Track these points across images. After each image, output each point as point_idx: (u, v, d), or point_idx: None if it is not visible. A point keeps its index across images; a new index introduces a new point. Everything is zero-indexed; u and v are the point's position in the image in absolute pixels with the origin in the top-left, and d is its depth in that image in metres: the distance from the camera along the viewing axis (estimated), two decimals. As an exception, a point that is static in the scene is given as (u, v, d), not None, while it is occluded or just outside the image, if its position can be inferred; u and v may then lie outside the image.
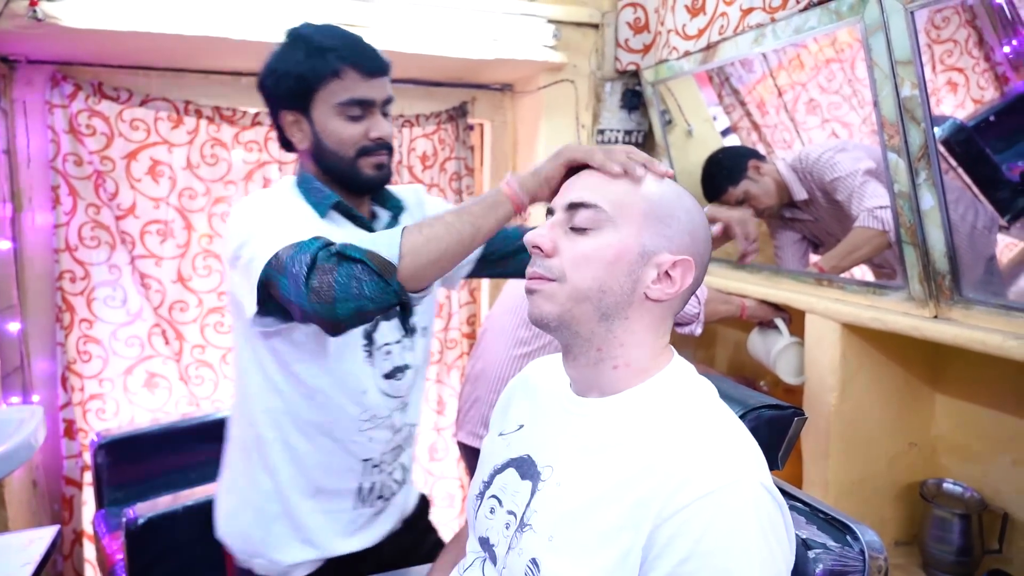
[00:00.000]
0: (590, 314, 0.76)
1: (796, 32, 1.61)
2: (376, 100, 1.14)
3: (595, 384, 0.79)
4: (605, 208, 0.76)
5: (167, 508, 1.52)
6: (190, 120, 2.28)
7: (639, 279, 0.76)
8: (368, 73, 1.12)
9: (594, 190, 0.78)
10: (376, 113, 1.15)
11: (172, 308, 2.34)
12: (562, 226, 0.79)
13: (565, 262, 0.76)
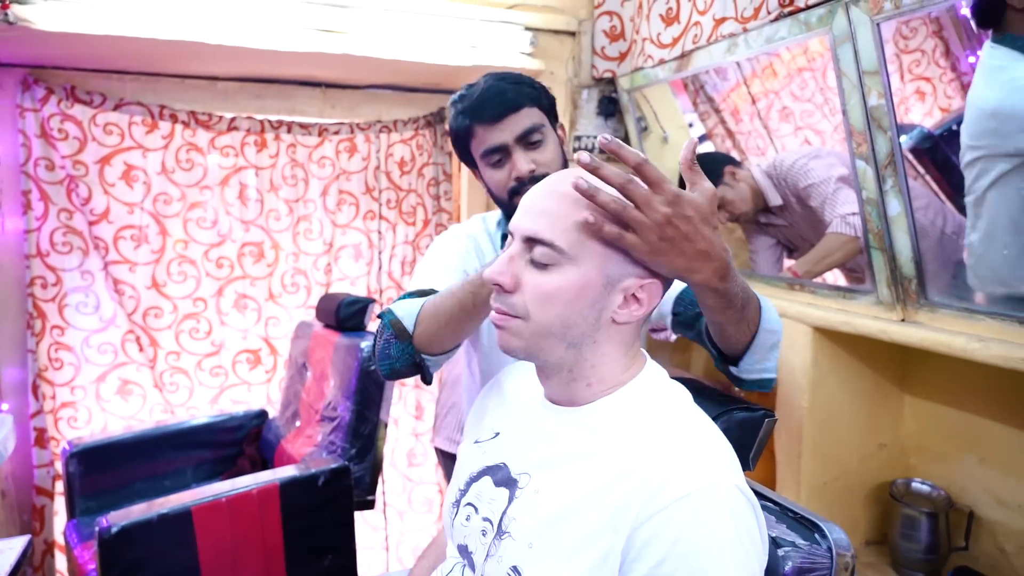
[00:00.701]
0: (557, 345, 0.75)
1: (768, 42, 1.64)
2: (507, 142, 1.15)
3: (569, 397, 0.80)
4: (563, 247, 0.72)
5: (141, 516, 1.50)
6: (165, 125, 2.27)
7: (604, 307, 0.74)
8: (490, 121, 1.14)
9: (552, 224, 0.72)
10: (514, 152, 1.15)
11: (146, 314, 2.32)
12: (521, 256, 0.75)
13: (527, 299, 0.74)
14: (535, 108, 1.15)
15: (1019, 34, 1.29)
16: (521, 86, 1.16)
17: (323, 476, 1.71)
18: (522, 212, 0.77)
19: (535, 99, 1.16)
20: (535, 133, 1.14)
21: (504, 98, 1.14)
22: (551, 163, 1.16)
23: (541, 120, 1.16)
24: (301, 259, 2.52)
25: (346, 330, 2.09)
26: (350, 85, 2.49)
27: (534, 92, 1.16)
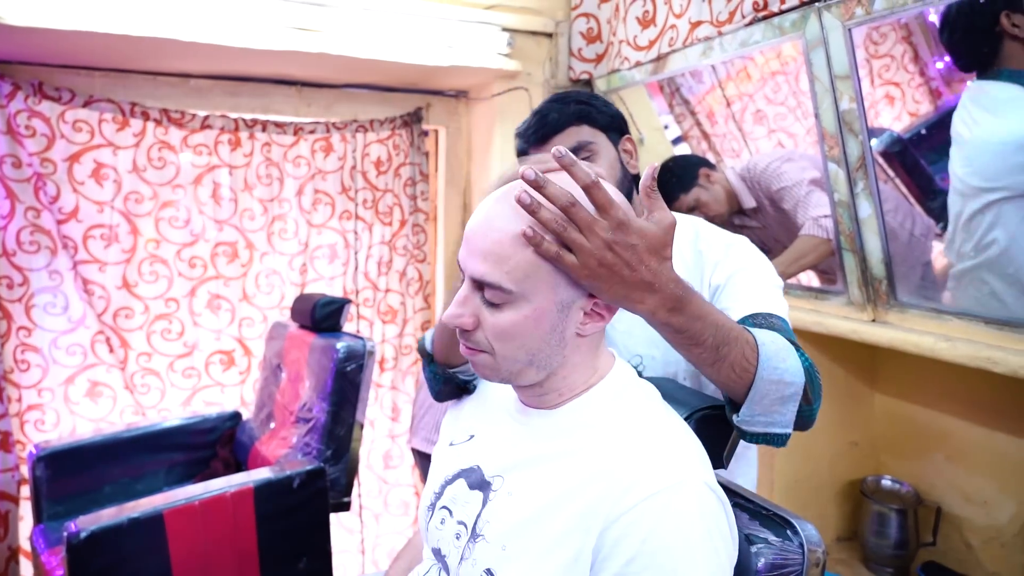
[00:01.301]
0: (528, 370, 0.76)
1: (742, 45, 1.66)
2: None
3: (540, 403, 0.80)
4: (510, 288, 0.70)
5: (111, 521, 1.47)
6: (136, 122, 2.23)
7: (566, 327, 0.74)
8: (539, 142, 1.14)
9: (496, 266, 0.71)
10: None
11: (117, 315, 2.28)
12: (475, 295, 0.74)
13: (488, 336, 0.74)
14: (584, 125, 1.13)
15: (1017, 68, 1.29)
16: (567, 105, 1.14)
17: (298, 478, 1.70)
18: (466, 251, 0.74)
19: (583, 116, 1.13)
20: (582, 151, 1.12)
21: (545, 121, 1.13)
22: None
23: (591, 137, 1.13)
24: (276, 259, 2.50)
25: (322, 331, 2.08)
26: (326, 84, 2.47)
27: (582, 110, 1.13)
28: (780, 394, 0.82)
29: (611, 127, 1.15)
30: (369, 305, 2.63)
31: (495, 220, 0.72)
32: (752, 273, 1.04)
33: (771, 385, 0.81)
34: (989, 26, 1.30)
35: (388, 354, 2.67)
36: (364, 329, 2.63)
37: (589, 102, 1.14)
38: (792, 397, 0.83)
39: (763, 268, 1.06)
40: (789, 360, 0.83)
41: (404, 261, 2.66)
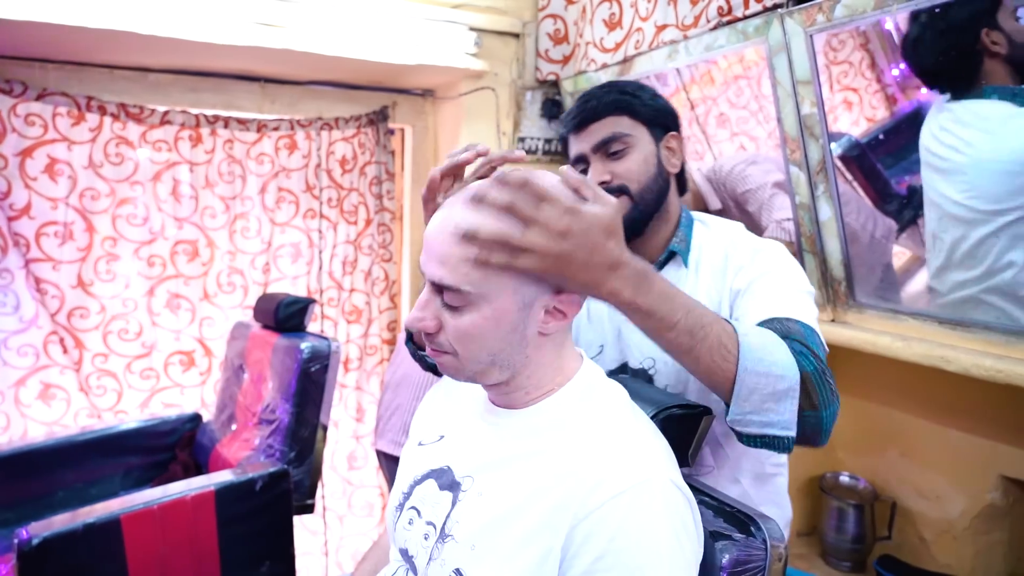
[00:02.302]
0: (491, 370, 0.76)
1: (707, 49, 1.68)
2: (585, 151, 1.10)
3: (509, 402, 0.81)
4: (468, 290, 0.71)
5: (65, 527, 1.42)
6: (92, 117, 2.17)
7: (527, 326, 0.75)
8: (576, 129, 1.11)
9: (453, 269, 0.71)
10: (594, 161, 1.10)
11: (71, 315, 2.21)
12: (435, 298, 0.75)
13: (450, 338, 0.74)
14: (624, 116, 1.08)
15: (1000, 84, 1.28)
16: (610, 93, 1.09)
17: (261, 480, 1.67)
18: (426, 255, 0.74)
19: (624, 107, 1.08)
20: (615, 142, 1.07)
21: (585, 107, 1.10)
22: (631, 175, 1.07)
23: (629, 129, 1.08)
24: (238, 258, 2.45)
25: (285, 331, 2.05)
26: (290, 80, 2.43)
27: (625, 100, 1.08)
28: (772, 388, 0.77)
29: (654, 121, 1.10)
30: (334, 305, 2.60)
31: (446, 226, 0.73)
32: (775, 277, 1.00)
33: (758, 378, 0.77)
34: (969, 45, 1.28)
35: (353, 354, 2.65)
36: (328, 329, 2.60)
37: (635, 93, 1.09)
38: (787, 394, 0.78)
39: (789, 273, 1.01)
40: (778, 353, 0.79)
41: (369, 260, 2.64)
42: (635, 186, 1.07)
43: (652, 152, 1.09)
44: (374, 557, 1.07)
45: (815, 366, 0.82)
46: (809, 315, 0.93)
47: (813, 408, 0.80)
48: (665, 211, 1.11)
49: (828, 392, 0.82)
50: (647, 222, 1.09)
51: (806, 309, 0.94)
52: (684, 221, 1.13)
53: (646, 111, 1.09)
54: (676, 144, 1.12)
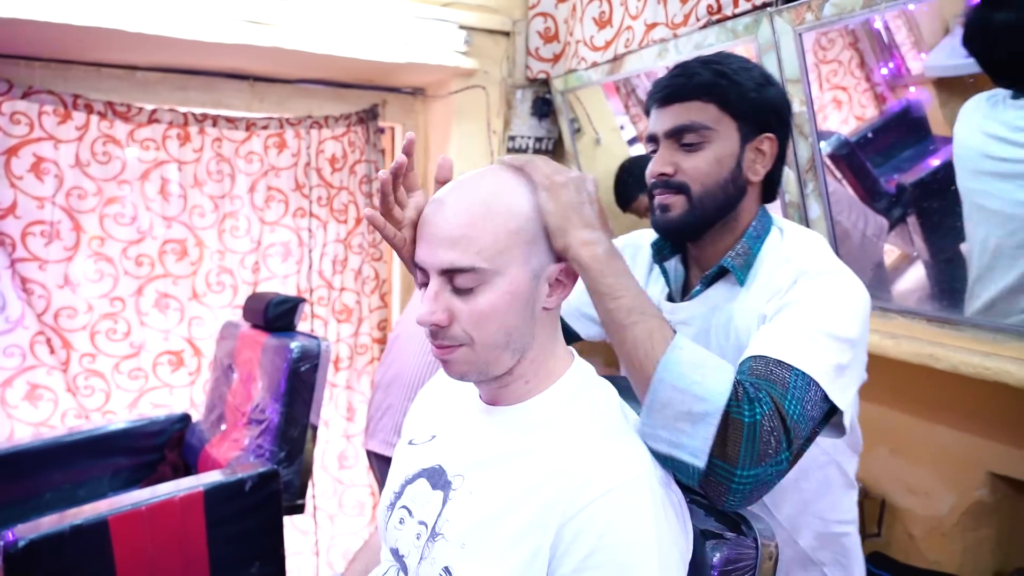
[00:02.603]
0: (503, 356, 0.75)
1: (696, 48, 1.68)
2: (657, 132, 0.97)
3: (504, 396, 0.80)
4: (485, 267, 0.71)
5: (52, 528, 1.41)
6: (79, 115, 2.15)
7: (536, 300, 0.75)
8: (657, 104, 0.98)
9: (466, 249, 0.71)
10: (663, 147, 0.97)
11: (58, 315, 2.19)
12: (444, 289, 0.73)
13: (465, 326, 0.73)
14: (711, 105, 0.93)
15: None
16: (706, 72, 0.94)
17: (250, 481, 1.66)
18: (428, 247, 0.74)
19: (717, 94, 0.93)
20: (690, 133, 0.94)
21: (673, 82, 0.96)
22: (696, 174, 0.94)
23: (711, 122, 0.94)
24: (227, 257, 2.44)
25: (275, 330, 2.04)
26: (279, 79, 2.42)
27: (719, 86, 0.93)
28: (687, 408, 0.70)
29: (749, 117, 0.94)
30: (324, 304, 2.59)
31: (454, 211, 0.73)
32: (798, 311, 0.84)
33: (674, 393, 0.71)
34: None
35: (343, 353, 2.64)
36: (319, 328, 2.58)
37: (735, 78, 0.93)
38: (703, 419, 0.70)
39: (821, 309, 0.84)
40: (711, 378, 0.71)
41: (359, 259, 2.63)
42: (697, 188, 0.95)
43: (732, 154, 0.95)
44: (364, 557, 1.06)
45: (758, 418, 0.71)
46: (817, 364, 0.78)
47: (725, 460, 0.70)
48: (732, 219, 0.98)
49: (755, 453, 0.70)
50: (703, 229, 0.98)
51: (815, 357, 0.78)
52: (754, 231, 0.98)
53: (741, 104, 0.94)
54: (769, 147, 0.96)
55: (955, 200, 1.40)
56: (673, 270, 1.09)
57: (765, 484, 0.72)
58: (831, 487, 1.04)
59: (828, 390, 0.78)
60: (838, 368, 0.79)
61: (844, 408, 0.79)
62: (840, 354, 0.81)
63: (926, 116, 1.77)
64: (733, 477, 0.71)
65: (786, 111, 0.99)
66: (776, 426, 0.72)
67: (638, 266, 1.14)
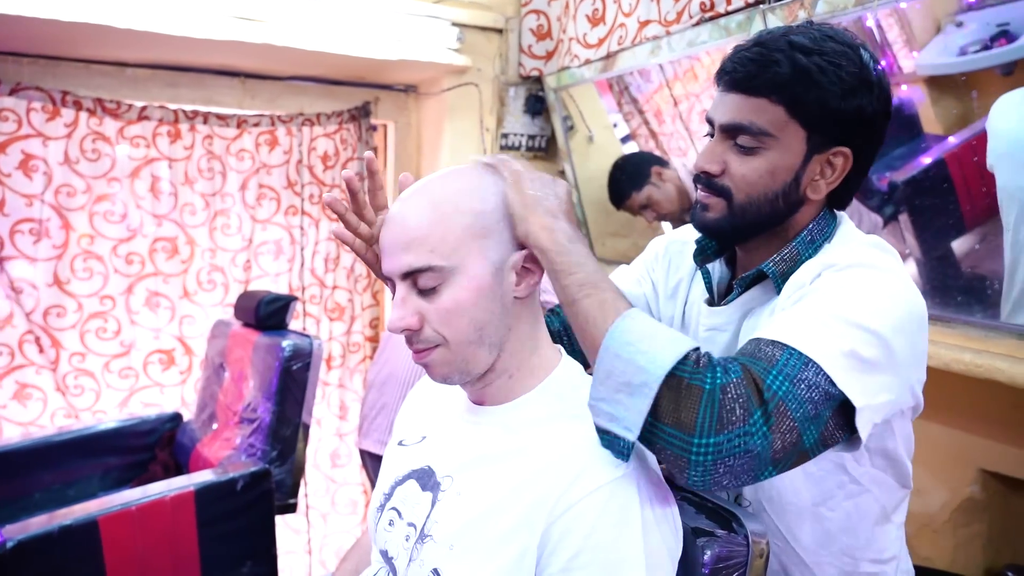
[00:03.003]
0: (480, 352, 0.76)
1: (689, 45, 1.68)
2: (714, 119, 0.84)
3: (490, 395, 0.80)
4: (442, 265, 0.72)
5: (41, 529, 1.40)
6: (68, 112, 2.13)
7: (504, 291, 0.75)
8: (722, 86, 0.84)
9: (418, 248, 0.72)
10: (716, 139, 0.85)
11: (47, 313, 2.18)
12: (410, 293, 0.74)
13: (436, 326, 0.74)
14: (779, 107, 0.78)
15: None
16: (783, 64, 0.77)
17: (242, 480, 1.65)
18: (387, 257, 0.76)
19: (790, 97, 0.78)
20: (746, 135, 0.80)
21: (745, 69, 0.80)
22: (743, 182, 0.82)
23: (774, 127, 0.79)
24: (218, 255, 2.42)
25: (266, 329, 2.02)
26: (271, 76, 2.41)
27: (794, 88, 0.77)
28: (626, 379, 0.64)
29: (824, 128, 0.79)
30: (316, 302, 2.58)
31: (404, 215, 0.75)
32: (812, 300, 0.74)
33: (617, 362, 0.65)
34: None
35: (336, 352, 2.63)
36: (311, 327, 2.57)
37: (817, 79, 0.77)
38: (639, 390, 0.64)
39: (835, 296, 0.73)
40: (657, 348, 0.64)
41: (352, 257, 2.62)
42: (740, 196, 0.83)
43: (791, 166, 0.81)
44: (355, 557, 1.06)
45: (719, 383, 0.63)
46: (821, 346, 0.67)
47: (679, 427, 0.63)
48: (780, 230, 0.86)
49: (714, 420, 0.62)
50: (745, 237, 0.88)
51: (820, 338, 0.68)
52: (809, 236, 0.85)
53: (819, 112, 0.78)
54: (842, 163, 0.82)
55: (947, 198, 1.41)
56: (717, 271, 0.98)
57: (732, 456, 0.62)
58: (863, 520, 0.89)
59: (835, 376, 0.66)
60: (855, 356, 0.68)
61: (858, 404, 0.67)
62: (861, 344, 0.68)
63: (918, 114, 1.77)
64: (691, 446, 0.62)
65: (880, 120, 0.82)
66: (744, 394, 0.63)
67: (683, 264, 1.03)
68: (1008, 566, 1.52)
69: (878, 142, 0.84)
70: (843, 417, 0.68)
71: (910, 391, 0.78)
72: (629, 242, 2.46)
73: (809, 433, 0.66)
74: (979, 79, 1.58)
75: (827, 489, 0.87)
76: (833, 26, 0.84)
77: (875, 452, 0.87)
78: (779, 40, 0.80)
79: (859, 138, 0.81)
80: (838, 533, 0.88)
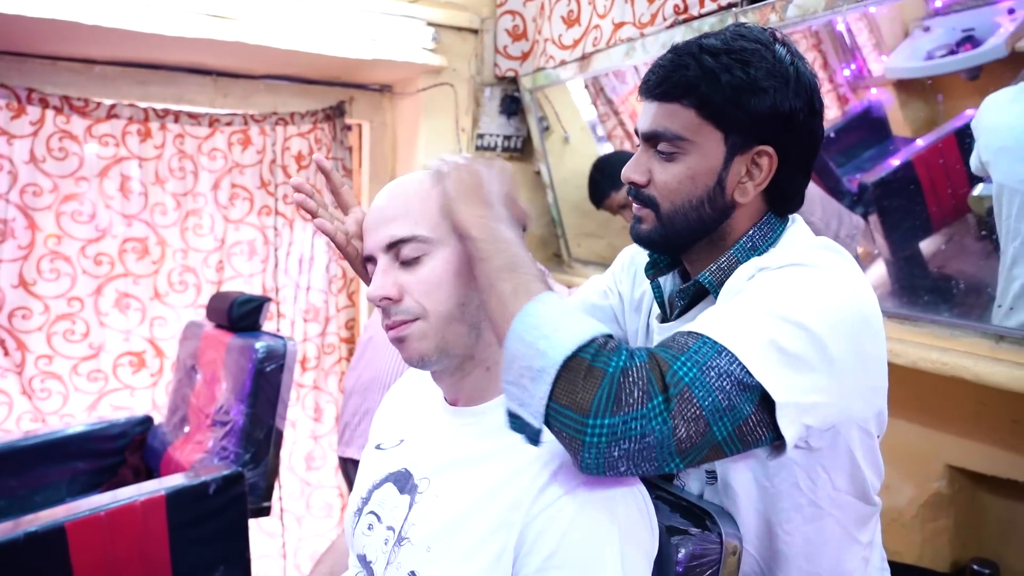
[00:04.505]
0: (460, 330, 0.75)
1: (663, 47, 1.69)
2: (640, 129, 0.84)
3: (467, 392, 0.80)
4: (427, 235, 0.74)
5: (6, 536, 1.37)
6: (34, 110, 2.09)
7: None
8: (641, 94, 0.84)
9: (403, 219, 0.75)
10: (640, 150, 0.84)
11: (13, 315, 2.13)
12: (392, 265, 0.75)
13: (417, 297, 0.74)
14: (691, 111, 0.78)
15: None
16: (691, 67, 0.77)
17: (214, 484, 1.63)
18: (371, 229, 0.77)
19: (699, 98, 0.78)
20: (663, 142, 0.80)
21: (657, 74, 0.81)
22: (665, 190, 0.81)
23: (687, 131, 0.79)
24: (190, 256, 2.39)
25: (239, 330, 2.00)
26: (243, 74, 2.38)
27: (703, 89, 0.77)
28: (528, 363, 0.62)
29: (740, 127, 0.78)
30: (290, 303, 2.55)
31: (391, 193, 0.78)
32: (745, 298, 0.71)
33: (521, 345, 0.63)
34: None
35: (311, 353, 2.60)
36: (285, 328, 2.55)
37: (723, 78, 0.76)
38: (539, 376, 0.62)
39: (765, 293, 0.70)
40: (562, 332, 0.62)
41: (327, 258, 2.60)
42: (666, 205, 0.82)
43: (712, 169, 0.79)
44: (330, 560, 1.05)
45: (621, 366, 0.61)
46: (738, 336, 0.64)
47: (575, 408, 0.60)
48: (718, 237, 0.84)
49: (610, 401, 0.60)
50: (681, 247, 0.86)
51: (738, 329, 0.65)
52: (749, 242, 0.82)
53: (731, 111, 0.77)
54: (767, 163, 0.79)
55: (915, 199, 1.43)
56: (669, 285, 0.95)
57: (627, 439, 0.60)
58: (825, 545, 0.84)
59: (752, 365, 0.63)
60: (776, 347, 0.64)
61: (779, 398, 0.63)
62: (785, 336, 0.65)
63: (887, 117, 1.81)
64: (585, 428, 0.60)
65: (802, 116, 0.79)
66: (645, 378, 0.61)
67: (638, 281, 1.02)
68: (974, 559, 1.56)
69: (810, 140, 0.81)
70: (768, 414, 0.64)
71: (859, 398, 0.73)
72: (605, 243, 2.47)
73: (721, 425, 0.62)
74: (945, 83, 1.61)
75: (783, 510, 0.82)
76: (750, 25, 0.83)
77: (836, 472, 0.80)
78: (691, 45, 0.80)
79: (782, 137, 0.79)
80: (796, 557, 0.83)
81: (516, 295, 0.65)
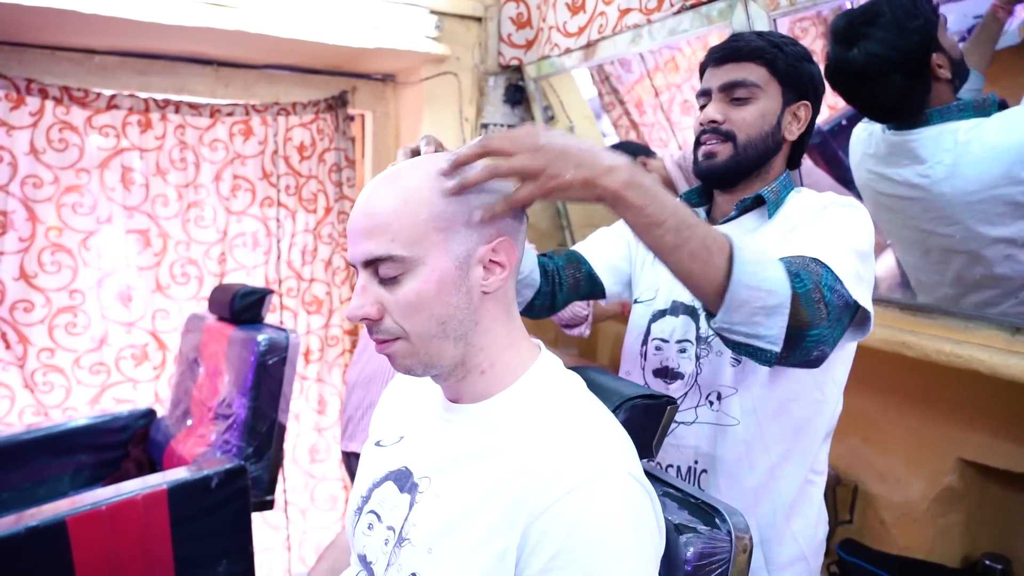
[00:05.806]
0: (445, 345, 0.73)
1: (670, 34, 1.66)
2: (712, 87, 1.09)
3: (466, 392, 0.78)
4: (402, 255, 0.70)
5: (7, 530, 1.36)
6: (34, 100, 2.07)
7: (470, 285, 0.73)
8: (714, 63, 1.10)
9: (379, 236, 0.71)
10: (716, 99, 1.09)
11: (14, 308, 2.12)
12: (372, 282, 0.73)
13: (396, 316, 0.72)
14: (763, 68, 1.06)
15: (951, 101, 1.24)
16: (760, 40, 1.07)
17: (217, 477, 1.62)
18: (351, 243, 0.75)
19: (768, 59, 1.06)
20: (742, 88, 1.07)
21: (731, 46, 1.08)
22: (743, 124, 1.07)
23: (761, 81, 1.06)
24: (192, 248, 2.37)
25: (241, 322, 1.99)
26: (245, 64, 2.35)
27: (770, 52, 1.06)
28: (762, 303, 0.79)
29: (792, 83, 1.07)
30: (293, 295, 2.54)
31: (370, 202, 0.73)
32: (825, 224, 0.98)
33: (749, 291, 0.78)
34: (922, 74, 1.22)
35: (314, 345, 2.59)
36: (288, 320, 2.53)
37: (784, 48, 1.07)
38: (777, 310, 0.79)
39: (845, 228, 0.97)
40: (771, 270, 0.80)
41: (330, 249, 2.58)
42: (742, 136, 1.08)
43: (774, 112, 1.07)
44: (332, 556, 1.03)
45: (807, 288, 0.82)
46: (841, 265, 0.88)
47: (804, 327, 0.82)
48: (765, 171, 1.11)
49: (815, 313, 0.82)
50: (743, 176, 1.10)
51: (840, 259, 0.89)
52: (783, 183, 1.11)
53: (788, 71, 1.06)
54: (804, 114, 1.09)
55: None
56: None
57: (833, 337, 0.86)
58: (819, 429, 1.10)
59: (851, 289, 0.87)
60: (857, 276, 0.90)
61: (867, 306, 0.90)
62: (860, 265, 0.92)
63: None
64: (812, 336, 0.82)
65: (821, 86, 1.11)
66: (818, 293, 0.83)
67: None
68: (985, 554, 1.53)
69: (819, 105, 1.12)
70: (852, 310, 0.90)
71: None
72: (610, 233, 2.44)
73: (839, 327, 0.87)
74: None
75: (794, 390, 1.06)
76: None
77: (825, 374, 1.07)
78: (749, 32, 1.10)
79: (811, 97, 1.09)
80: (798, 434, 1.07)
81: (705, 246, 0.78)
